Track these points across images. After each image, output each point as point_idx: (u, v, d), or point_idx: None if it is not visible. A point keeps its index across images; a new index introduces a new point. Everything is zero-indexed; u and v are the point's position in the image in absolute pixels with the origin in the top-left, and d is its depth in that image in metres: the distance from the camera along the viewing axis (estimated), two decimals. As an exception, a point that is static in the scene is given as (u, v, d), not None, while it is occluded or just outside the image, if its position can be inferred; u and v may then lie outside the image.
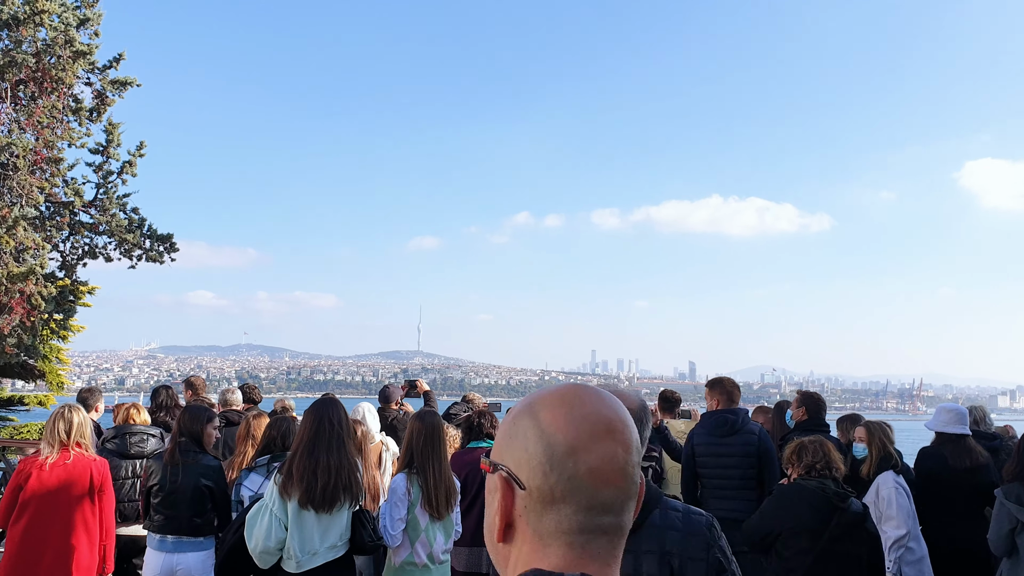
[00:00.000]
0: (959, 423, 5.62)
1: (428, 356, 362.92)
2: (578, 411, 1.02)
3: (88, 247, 11.54)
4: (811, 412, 6.20)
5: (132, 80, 11.51)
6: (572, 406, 1.03)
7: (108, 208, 11.19)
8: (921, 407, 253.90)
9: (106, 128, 11.33)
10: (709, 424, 5.65)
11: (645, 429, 2.23)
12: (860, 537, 3.96)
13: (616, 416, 1.03)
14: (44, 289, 10.10)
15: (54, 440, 4.81)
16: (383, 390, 7.74)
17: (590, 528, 0.99)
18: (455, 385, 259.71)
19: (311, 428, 4.06)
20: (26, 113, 10.28)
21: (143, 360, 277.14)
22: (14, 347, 10.42)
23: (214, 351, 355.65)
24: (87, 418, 5.03)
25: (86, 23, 10.60)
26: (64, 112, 10.79)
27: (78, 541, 4.78)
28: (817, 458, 4.12)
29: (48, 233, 10.83)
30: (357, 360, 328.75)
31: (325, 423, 4.07)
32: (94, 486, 4.87)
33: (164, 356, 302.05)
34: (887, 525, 4.92)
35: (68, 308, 11.93)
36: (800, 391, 6.63)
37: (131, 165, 11.44)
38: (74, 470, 4.81)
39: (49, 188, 10.53)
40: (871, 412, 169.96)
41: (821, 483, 4.02)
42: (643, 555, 2.07)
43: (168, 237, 11.80)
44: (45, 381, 15.87)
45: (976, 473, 5.43)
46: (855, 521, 3.96)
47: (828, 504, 3.94)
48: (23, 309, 9.91)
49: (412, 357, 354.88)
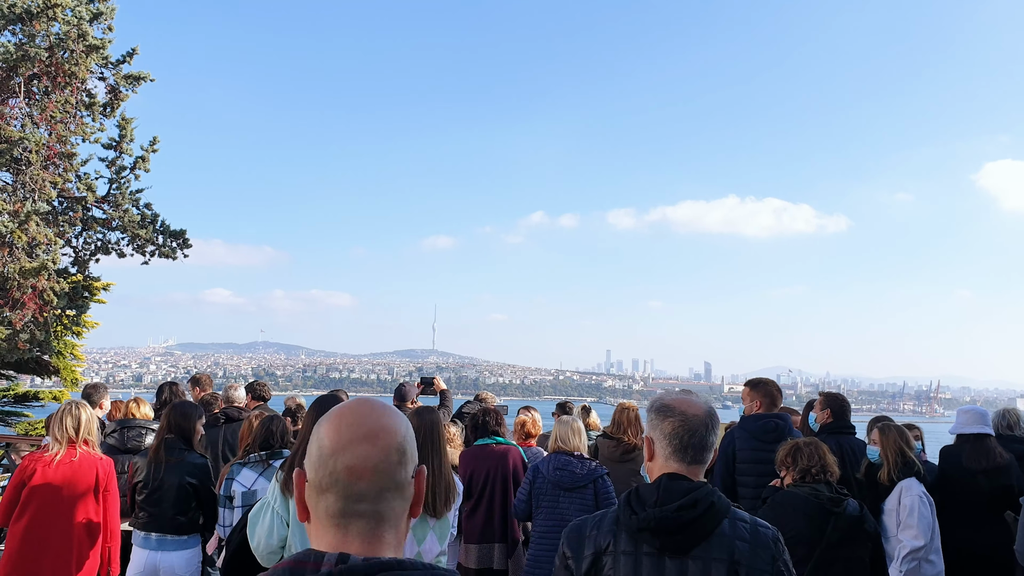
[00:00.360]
0: (978, 423, 5.50)
1: (443, 355, 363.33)
2: (345, 421, 1.34)
3: (101, 243, 11.51)
4: (836, 414, 5.97)
5: (146, 75, 11.47)
6: (343, 417, 1.35)
7: (121, 203, 11.15)
8: (939, 409, 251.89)
9: (119, 123, 11.29)
10: (754, 428, 5.17)
11: (713, 433, 2.26)
12: (860, 539, 3.85)
13: (379, 426, 1.34)
14: (56, 285, 10.07)
15: (62, 436, 4.69)
16: (399, 388, 7.59)
17: (349, 513, 1.29)
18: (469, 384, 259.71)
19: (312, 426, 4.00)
20: (39, 108, 10.25)
21: (160, 357, 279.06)
22: (27, 343, 10.39)
23: (231, 348, 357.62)
24: (94, 415, 4.91)
25: (99, 17, 10.56)
26: (77, 107, 10.76)
27: (81, 541, 4.66)
28: (812, 462, 4.00)
29: (61, 228, 10.80)
30: (372, 358, 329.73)
31: None
32: (99, 485, 4.75)
33: (181, 353, 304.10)
34: (905, 534, 4.73)
35: (81, 304, 11.89)
36: (823, 392, 6.39)
37: (144, 160, 11.40)
38: (80, 468, 4.69)
39: (62, 183, 10.51)
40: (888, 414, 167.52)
41: (814, 489, 3.90)
42: (712, 562, 2.12)
43: (181, 233, 11.74)
44: (60, 377, 15.87)
45: (993, 475, 5.26)
46: (853, 523, 3.84)
47: (823, 511, 3.82)
48: (35, 305, 9.89)
49: (427, 356, 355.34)
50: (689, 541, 2.13)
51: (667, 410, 2.27)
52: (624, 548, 2.17)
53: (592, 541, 2.22)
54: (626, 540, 2.18)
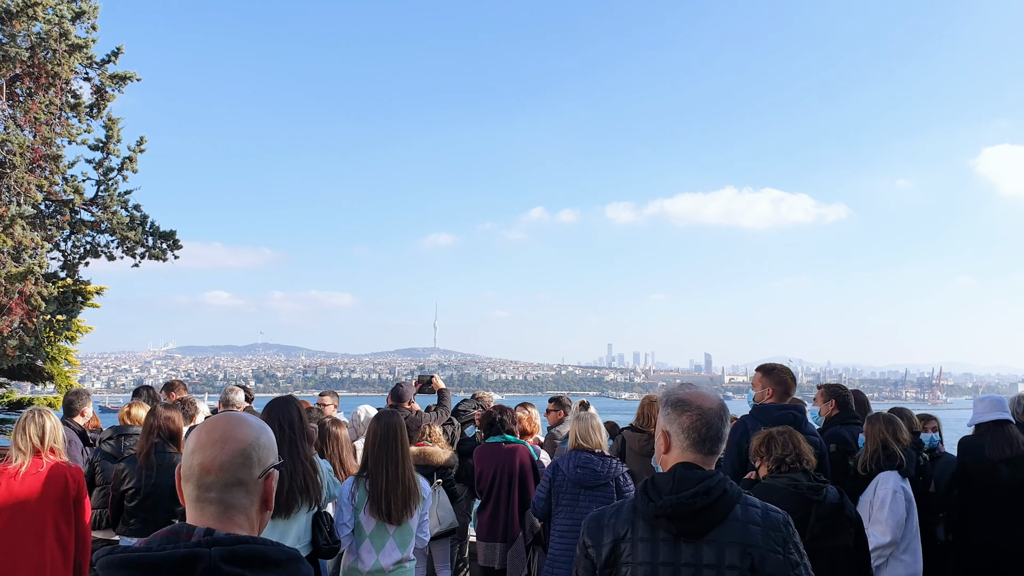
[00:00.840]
0: (996, 409, 5.36)
1: (445, 353, 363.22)
2: (206, 428, 1.73)
3: (90, 246, 11.32)
4: (841, 405, 5.80)
5: (132, 75, 11.26)
6: (206, 426, 1.75)
7: (109, 205, 10.96)
8: (941, 396, 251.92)
9: (106, 124, 11.10)
10: (770, 420, 4.53)
11: (727, 425, 2.40)
12: (842, 526, 3.77)
13: (229, 435, 1.71)
14: (44, 289, 9.87)
15: (26, 446, 4.44)
16: (395, 388, 7.41)
17: (202, 499, 1.67)
18: (472, 382, 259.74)
19: None
20: (23, 109, 10.05)
21: (161, 361, 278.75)
22: (15, 349, 10.20)
23: (231, 351, 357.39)
24: (59, 422, 4.66)
25: (82, 16, 10.36)
26: (62, 108, 10.56)
27: (54, 556, 4.43)
28: (787, 451, 3.92)
29: (48, 232, 10.61)
30: (373, 358, 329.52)
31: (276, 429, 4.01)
32: (69, 495, 4.52)
33: (182, 356, 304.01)
34: (873, 528, 4.55)
35: (72, 308, 11.71)
36: (825, 384, 6.19)
37: (132, 161, 11.20)
38: (48, 478, 4.44)
39: (48, 186, 10.30)
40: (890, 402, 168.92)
41: (792, 479, 3.82)
42: (726, 545, 2.23)
43: (171, 234, 11.55)
44: (54, 383, 15.68)
45: (1015, 464, 5.12)
46: (834, 511, 3.76)
47: (803, 500, 3.73)
48: (23, 310, 9.70)
49: (428, 354, 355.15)
50: (703, 526, 2.24)
51: (684, 404, 2.37)
52: (642, 535, 2.28)
53: (611, 529, 2.34)
54: (643, 527, 2.29)
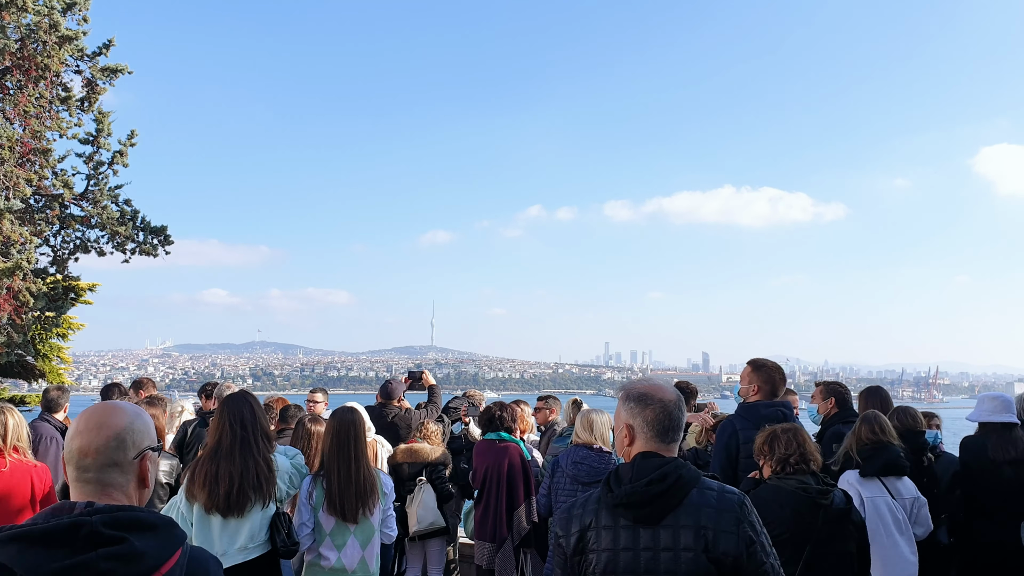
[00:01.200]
0: (1005, 411, 5.22)
1: (441, 351, 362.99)
2: (84, 416, 1.90)
3: (80, 241, 11.18)
4: (840, 403, 5.69)
5: (123, 67, 11.14)
6: (84, 413, 1.91)
7: (99, 200, 10.83)
8: (937, 395, 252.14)
9: (96, 117, 10.97)
10: (758, 418, 4.48)
11: (684, 413, 2.54)
12: (847, 532, 3.60)
13: (104, 421, 1.88)
14: (33, 285, 9.75)
15: None
16: (384, 386, 7.30)
17: (80, 480, 1.85)
18: (469, 380, 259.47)
19: (216, 432, 4.01)
20: (12, 102, 9.92)
21: (158, 359, 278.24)
22: (4, 345, 10.07)
23: (228, 349, 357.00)
24: (23, 420, 4.47)
25: (72, 8, 10.23)
26: (52, 101, 10.43)
27: None
28: (791, 450, 3.71)
29: (37, 227, 10.47)
30: (371, 356, 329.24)
31: (227, 427, 4.01)
32: (35, 496, 4.33)
33: (179, 354, 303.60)
34: None
35: (61, 305, 11.57)
36: (823, 382, 6.06)
37: (122, 155, 11.08)
38: (12, 479, 4.26)
39: (38, 180, 10.17)
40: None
41: (801, 481, 3.62)
42: (681, 528, 2.34)
43: (162, 229, 11.42)
44: (46, 380, 15.55)
45: (1019, 466, 5.01)
46: (840, 516, 3.59)
47: (812, 504, 3.55)
48: (11, 306, 9.57)
49: (425, 352, 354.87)
50: (659, 512, 2.36)
51: (647, 399, 2.50)
52: (605, 523, 2.42)
53: (578, 520, 2.48)
54: (606, 516, 2.43)
